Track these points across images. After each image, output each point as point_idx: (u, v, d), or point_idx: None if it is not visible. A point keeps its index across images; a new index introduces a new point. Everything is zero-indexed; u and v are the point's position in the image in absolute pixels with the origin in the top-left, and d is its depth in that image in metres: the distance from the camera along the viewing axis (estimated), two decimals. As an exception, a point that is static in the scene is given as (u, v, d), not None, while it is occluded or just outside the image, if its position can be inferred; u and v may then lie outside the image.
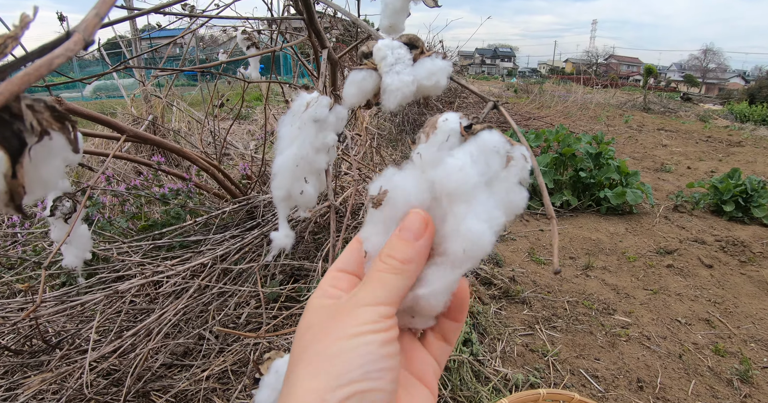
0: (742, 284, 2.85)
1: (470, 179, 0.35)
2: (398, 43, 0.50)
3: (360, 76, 0.51)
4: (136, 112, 4.44)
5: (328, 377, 0.30)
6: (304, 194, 0.71)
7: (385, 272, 0.34)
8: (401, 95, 0.49)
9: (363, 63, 0.52)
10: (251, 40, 2.10)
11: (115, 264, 1.77)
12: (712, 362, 2.08)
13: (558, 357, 1.98)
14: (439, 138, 0.38)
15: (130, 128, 1.69)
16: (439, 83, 0.49)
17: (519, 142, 0.39)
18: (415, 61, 0.50)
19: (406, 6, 0.97)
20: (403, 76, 0.50)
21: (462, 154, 0.36)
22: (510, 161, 0.37)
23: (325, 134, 0.71)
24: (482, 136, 0.37)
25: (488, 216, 0.35)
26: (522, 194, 0.38)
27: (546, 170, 3.93)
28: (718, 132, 10.04)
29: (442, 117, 0.39)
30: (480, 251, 0.35)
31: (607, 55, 62.49)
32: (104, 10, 0.27)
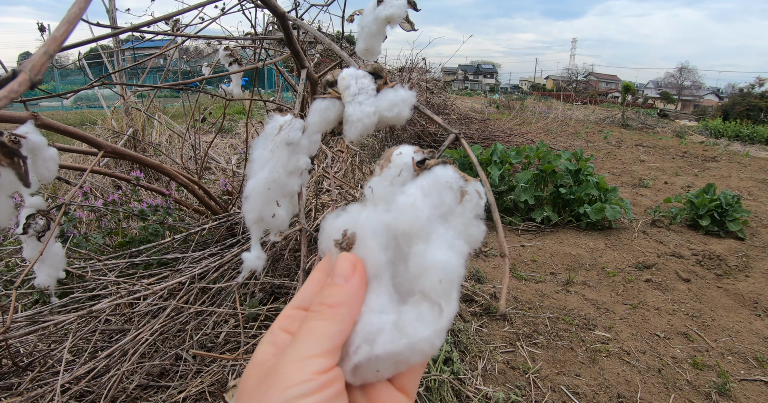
0: (718, 297, 2.90)
1: (422, 214, 0.35)
2: (363, 72, 0.51)
3: (323, 105, 0.52)
4: (116, 125, 4.39)
5: None
6: (276, 218, 0.70)
7: (315, 321, 0.32)
8: (362, 126, 0.49)
9: (327, 92, 0.52)
10: (233, 56, 2.10)
11: (89, 283, 1.73)
12: (690, 375, 2.10)
13: (539, 374, 1.98)
14: (392, 172, 0.38)
15: (107, 144, 1.67)
16: (401, 114, 0.49)
17: (475, 178, 0.39)
18: (379, 91, 0.51)
19: (382, 30, 0.98)
20: (364, 107, 0.50)
21: (413, 190, 0.36)
22: (464, 196, 0.37)
23: (298, 158, 0.71)
24: (435, 171, 0.37)
25: (450, 244, 0.35)
26: (480, 228, 0.37)
27: (527, 187, 3.97)
28: (693, 147, 10.31)
29: (396, 150, 0.39)
30: (455, 277, 0.34)
31: (586, 72, 64.03)
32: (53, 48, 0.27)
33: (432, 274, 0.34)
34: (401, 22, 0.97)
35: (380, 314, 0.35)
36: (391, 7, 0.92)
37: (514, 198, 4.01)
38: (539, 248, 3.52)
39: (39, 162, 1.23)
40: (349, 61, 0.81)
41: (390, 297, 0.36)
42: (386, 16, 0.93)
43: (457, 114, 7.29)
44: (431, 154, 0.39)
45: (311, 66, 1.45)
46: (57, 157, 1.24)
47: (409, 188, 0.36)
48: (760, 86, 33.69)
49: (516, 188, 4.02)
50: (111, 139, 3.83)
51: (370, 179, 0.39)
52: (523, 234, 3.84)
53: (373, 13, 0.95)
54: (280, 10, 1.04)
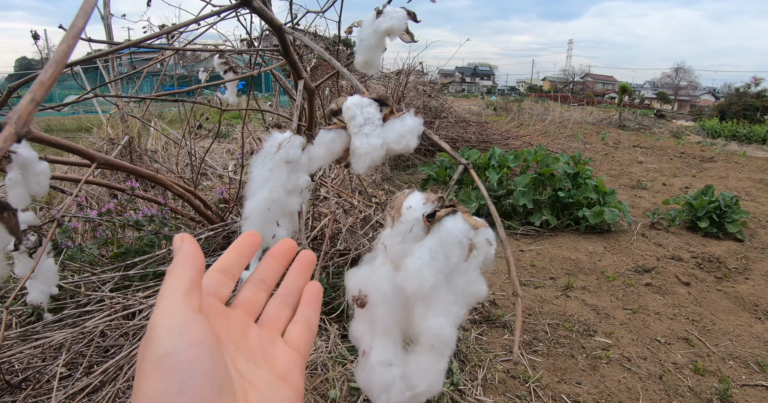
0: (719, 300, 2.89)
1: (427, 282, 0.36)
2: (368, 100, 0.49)
3: (329, 137, 0.50)
4: (112, 132, 4.37)
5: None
6: (277, 238, 0.69)
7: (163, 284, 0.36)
8: (370, 159, 0.48)
9: (332, 122, 0.51)
10: (228, 64, 2.09)
11: (81, 298, 1.70)
12: (692, 381, 2.08)
13: (539, 383, 1.96)
14: (404, 227, 0.38)
15: (100, 155, 1.65)
16: (409, 145, 0.48)
17: (484, 225, 0.39)
18: (385, 120, 0.49)
19: (381, 42, 0.96)
20: (372, 140, 0.49)
21: (421, 252, 0.37)
22: (472, 251, 0.38)
23: (298, 176, 0.69)
24: (445, 224, 0.38)
25: (446, 311, 0.37)
26: (481, 286, 0.39)
27: (525, 190, 3.96)
28: (691, 148, 10.32)
29: (406, 202, 0.40)
30: (447, 343, 0.38)
31: (583, 73, 64.20)
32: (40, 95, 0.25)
33: (426, 338, 0.38)
34: (401, 33, 0.96)
35: (390, 367, 0.40)
36: (391, 20, 0.91)
37: (513, 202, 4.00)
38: (538, 252, 3.51)
39: (30, 177, 1.21)
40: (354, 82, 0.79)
41: (397, 351, 0.41)
42: (386, 28, 0.91)
43: (455, 117, 7.28)
44: (440, 203, 0.40)
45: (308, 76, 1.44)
46: (48, 171, 1.22)
47: (418, 250, 0.38)
48: (756, 86, 33.78)
49: (514, 192, 4.01)
50: (107, 147, 3.81)
51: (383, 232, 0.41)
52: (522, 238, 3.83)
53: (372, 25, 0.93)
54: (278, 22, 1.03)
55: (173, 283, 0.35)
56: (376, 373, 0.41)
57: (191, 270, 0.36)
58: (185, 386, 0.29)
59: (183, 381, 0.29)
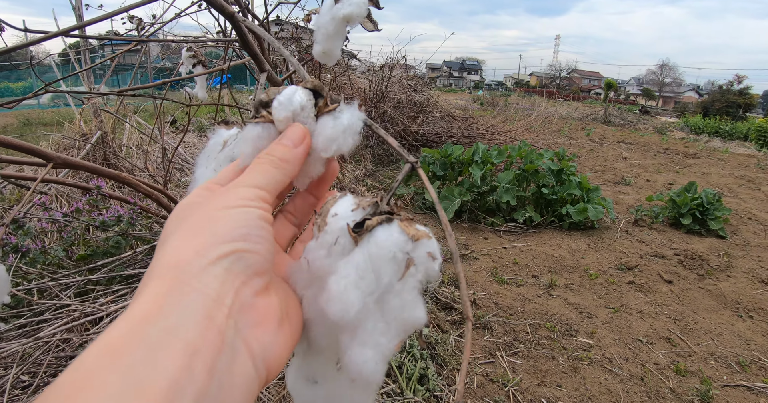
0: (701, 298, 2.88)
1: (352, 307, 0.30)
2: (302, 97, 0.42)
3: (255, 133, 0.43)
4: (85, 127, 4.23)
5: (207, 235, 0.29)
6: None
7: (265, 164, 0.35)
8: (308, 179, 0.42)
9: (260, 114, 0.43)
10: (197, 57, 1.99)
11: (37, 306, 1.61)
12: (673, 383, 2.06)
13: (519, 386, 1.91)
14: (328, 239, 0.32)
15: (57, 155, 1.55)
16: (341, 150, 0.41)
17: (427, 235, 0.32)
18: (319, 115, 0.42)
19: (341, 30, 0.89)
20: None
21: (346, 270, 0.31)
22: (410, 267, 0.31)
23: None
24: (377, 236, 0.31)
25: (374, 342, 0.30)
26: (418, 310, 0.32)
27: (509, 187, 3.92)
28: (674, 144, 10.41)
29: (333, 208, 0.34)
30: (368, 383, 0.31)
31: (569, 69, 64.56)
32: None
33: (347, 371, 0.31)
34: (363, 21, 0.88)
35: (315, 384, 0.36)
36: (349, 5, 0.83)
37: (496, 198, 3.96)
38: (521, 249, 3.47)
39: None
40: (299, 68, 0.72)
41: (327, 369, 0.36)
42: (344, 15, 0.83)
43: (440, 112, 7.22)
44: (374, 209, 0.33)
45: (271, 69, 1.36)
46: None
47: (343, 267, 0.31)
48: (738, 83, 34.25)
49: (498, 189, 3.96)
50: (78, 143, 3.68)
51: (308, 244, 0.34)
52: (506, 235, 3.79)
53: (330, 12, 0.86)
54: (229, 9, 0.94)
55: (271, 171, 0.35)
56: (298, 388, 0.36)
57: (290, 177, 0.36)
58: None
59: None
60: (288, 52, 0.79)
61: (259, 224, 0.30)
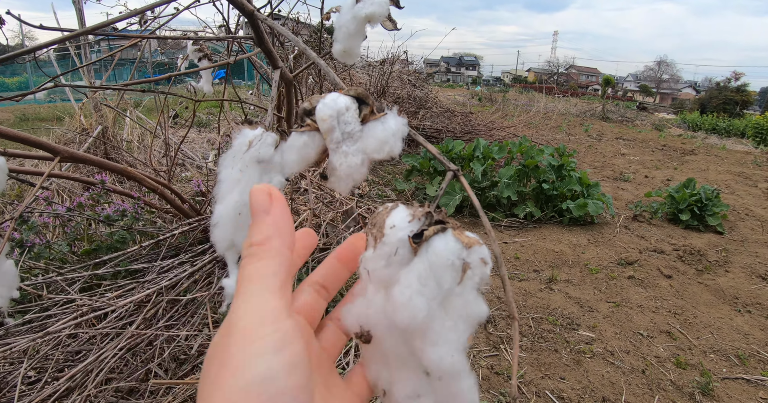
0: (700, 293, 2.91)
1: (420, 313, 0.32)
2: (345, 102, 0.43)
3: (301, 142, 0.44)
4: (85, 121, 4.22)
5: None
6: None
7: (250, 265, 0.29)
8: (352, 182, 0.43)
9: (305, 122, 0.44)
10: (203, 51, 1.99)
11: (44, 301, 1.62)
12: (674, 375, 2.08)
13: (523, 379, 1.94)
14: (387, 250, 0.33)
15: (64, 149, 1.56)
16: (393, 151, 0.42)
17: (479, 243, 0.34)
18: (365, 121, 0.43)
19: (362, 29, 0.89)
20: (351, 159, 0.43)
21: (409, 279, 0.32)
22: (466, 272, 0.33)
23: (271, 177, 0.63)
24: (434, 245, 0.33)
25: (445, 340, 0.33)
26: (480, 306, 0.34)
27: (509, 182, 3.94)
28: (672, 141, 10.45)
29: (389, 220, 0.34)
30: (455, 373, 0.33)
31: (567, 65, 64.55)
32: None
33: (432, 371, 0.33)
34: (383, 21, 0.89)
35: (418, 398, 0.36)
36: (371, 5, 0.83)
37: (497, 194, 3.98)
38: (522, 244, 3.49)
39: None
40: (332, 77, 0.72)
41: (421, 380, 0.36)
42: (366, 14, 0.84)
43: (440, 107, 7.22)
44: (428, 219, 0.34)
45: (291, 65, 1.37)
46: (5, 166, 1.14)
47: (405, 276, 0.33)
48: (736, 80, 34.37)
49: (499, 184, 3.98)
50: (79, 138, 3.67)
51: (364, 254, 0.35)
52: (506, 230, 3.81)
53: (352, 11, 0.86)
54: (249, 7, 0.95)
55: (264, 270, 0.28)
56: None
57: (286, 253, 0.30)
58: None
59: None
60: (315, 54, 0.79)
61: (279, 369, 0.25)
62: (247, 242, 0.30)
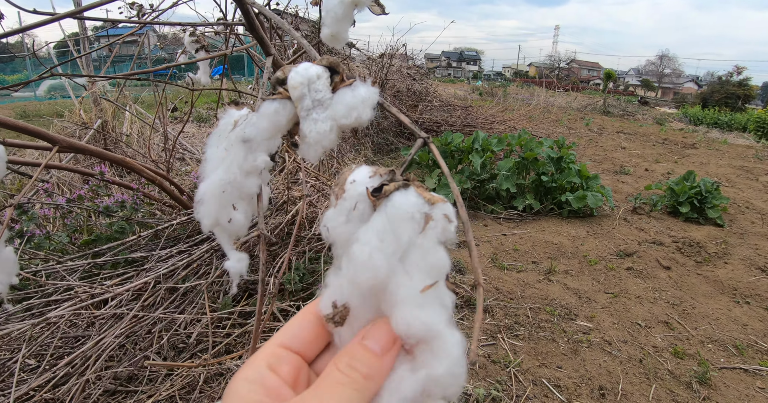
0: (698, 284, 2.91)
1: (381, 270, 0.31)
2: (317, 69, 0.43)
3: (272, 108, 0.44)
4: (85, 116, 4.22)
5: None
6: (233, 222, 0.64)
7: (345, 386, 0.28)
8: (321, 148, 0.43)
9: (277, 91, 0.45)
10: (200, 42, 1.99)
11: (46, 288, 1.63)
12: (671, 365, 2.09)
13: (520, 367, 1.95)
14: (347, 205, 0.33)
15: (62, 138, 1.56)
16: (361, 119, 0.42)
17: (442, 199, 0.33)
18: (335, 90, 0.44)
19: (349, 13, 0.89)
20: (320, 125, 0.43)
21: (368, 236, 0.31)
22: (429, 223, 0.32)
23: (256, 156, 0.64)
24: (394, 200, 0.32)
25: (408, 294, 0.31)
26: (441, 255, 0.32)
27: (509, 175, 3.94)
28: (673, 134, 10.42)
29: (351, 175, 0.34)
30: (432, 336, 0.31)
31: (568, 59, 64.29)
32: None
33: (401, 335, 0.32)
34: (370, 5, 0.89)
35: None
36: (359, -12, 0.84)
37: (496, 186, 3.98)
38: (521, 236, 3.50)
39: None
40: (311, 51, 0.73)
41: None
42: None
43: (440, 101, 7.21)
44: (391, 176, 0.33)
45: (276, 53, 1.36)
46: (4, 155, 1.14)
47: (364, 234, 0.32)
48: (738, 75, 34.18)
49: (498, 176, 3.98)
50: (79, 132, 3.67)
51: (326, 213, 0.34)
52: (505, 222, 3.81)
53: (340, -5, 0.87)
54: (236, -8, 0.95)
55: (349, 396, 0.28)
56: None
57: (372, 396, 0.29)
58: None
59: None
60: (298, 34, 0.80)
61: None
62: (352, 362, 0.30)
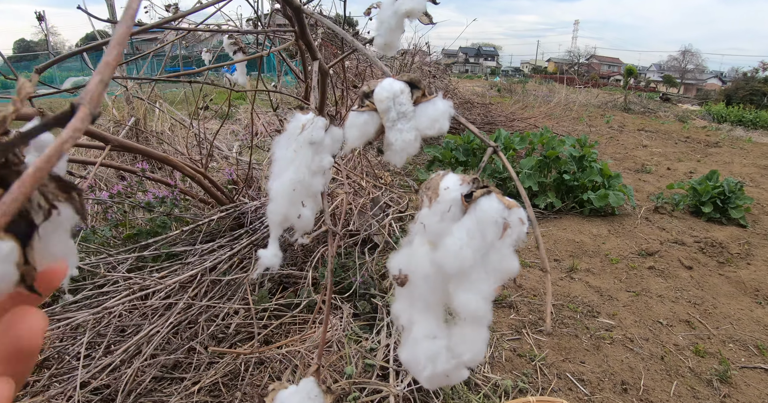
0: (720, 284, 2.93)
1: (467, 261, 0.39)
2: (400, 86, 0.51)
3: (362, 120, 0.52)
4: (117, 114, 4.37)
5: None
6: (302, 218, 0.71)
7: None
8: (406, 155, 0.51)
9: (364, 104, 0.52)
10: (238, 44, 2.08)
11: (99, 279, 1.74)
12: (692, 363, 2.13)
13: (545, 361, 2.01)
14: (442, 207, 0.40)
15: (114, 137, 1.67)
16: (442, 129, 0.50)
17: (517, 205, 0.41)
18: (416, 104, 0.51)
19: (401, 24, 0.97)
20: (405, 135, 0.51)
21: (460, 233, 0.39)
22: (506, 229, 0.40)
23: (322, 157, 0.71)
24: (481, 204, 0.40)
25: (477, 288, 0.39)
26: (514, 262, 0.41)
27: (530, 173, 3.98)
28: (696, 133, 10.26)
29: (443, 183, 0.42)
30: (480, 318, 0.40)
31: (588, 55, 63.34)
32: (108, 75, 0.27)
33: (462, 313, 0.40)
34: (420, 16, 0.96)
35: (434, 339, 0.43)
36: (411, 1, 0.91)
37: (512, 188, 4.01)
38: (543, 234, 3.54)
39: None
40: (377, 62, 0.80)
41: (439, 325, 0.44)
42: (406, 10, 0.91)
43: (460, 98, 7.23)
44: (476, 184, 0.41)
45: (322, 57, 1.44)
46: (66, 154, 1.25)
47: (457, 230, 0.40)
48: (764, 71, 33.30)
49: (520, 174, 4.02)
50: (113, 129, 3.82)
51: (420, 212, 0.42)
52: (527, 221, 3.85)
53: (392, 7, 0.94)
54: (296, 2, 1.03)
55: None
56: (421, 346, 0.43)
57: None
58: None
59: None
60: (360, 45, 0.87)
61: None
62: None
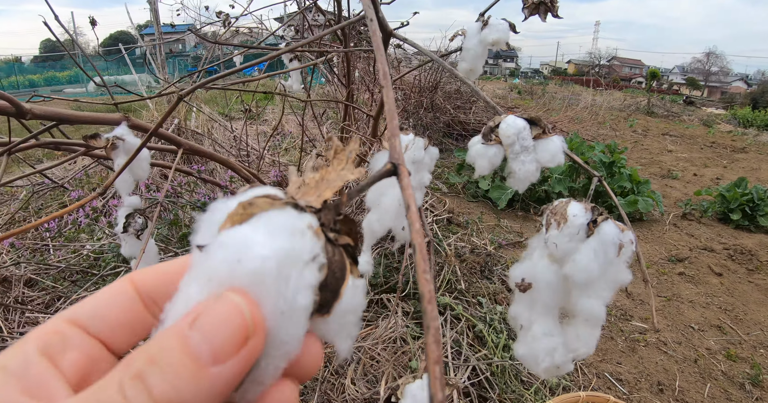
0: (750, 291, 2.98)
1: (593, 275, 0.49)
2: (522, 123, 0.61)
3: (492, 152, 0.63)
4: (158, 115, 4.55)
5: None
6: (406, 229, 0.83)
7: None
8: (528, 182, 0.61)
9: (491, 138, 0.63)
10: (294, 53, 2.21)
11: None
12: (725, 366, 2.20)
13: (584, 361, 2.10)
14: (571, 231, 0.51)
15: (186, 142, 1.80)
16: (560, 162, 0.61)
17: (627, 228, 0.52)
18: (536, 139, 0.62)
19: (485, 52, 1.08)
20: (527, 166, 0.62)
21: (588, 252, 0.50)
22: (622, 248, 0.51)
23: (423, 174, 0.83)
24: (603, 229, 0.50)
25: (598, 295, 0.50)
26: (627, 274, 0.52)
27: (560, 178, 4.05)
28: (722, 137, 10.15)
29: (570, 210, 0.52)
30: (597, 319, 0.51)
31: (609, 56, 62.55)
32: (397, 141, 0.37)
33: (582, 315, 0.51)
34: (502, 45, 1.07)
35: (552, 337, 0.52)
36: (497, 32, 1.02)
37: (548, 189, 4.09)
38: (572, 239, 3.61)
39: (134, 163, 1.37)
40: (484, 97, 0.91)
41: (556, 325, 0.53)
42: (492, 40, 1.03)
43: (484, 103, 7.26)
44: (596, 211, 0.52)
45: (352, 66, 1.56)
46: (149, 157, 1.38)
47: (585, 249, 0.50)
48: (791, 73, 32.55)
49: (550, 179, 4.09)
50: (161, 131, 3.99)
51: (549, 232, 0.52)
52: (555, 225, 3.93)
53: (478, 36, 1.05)
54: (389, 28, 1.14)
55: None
56: (540, 342, 0.53)
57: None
58: None
59: None
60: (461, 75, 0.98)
61: None
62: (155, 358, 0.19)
